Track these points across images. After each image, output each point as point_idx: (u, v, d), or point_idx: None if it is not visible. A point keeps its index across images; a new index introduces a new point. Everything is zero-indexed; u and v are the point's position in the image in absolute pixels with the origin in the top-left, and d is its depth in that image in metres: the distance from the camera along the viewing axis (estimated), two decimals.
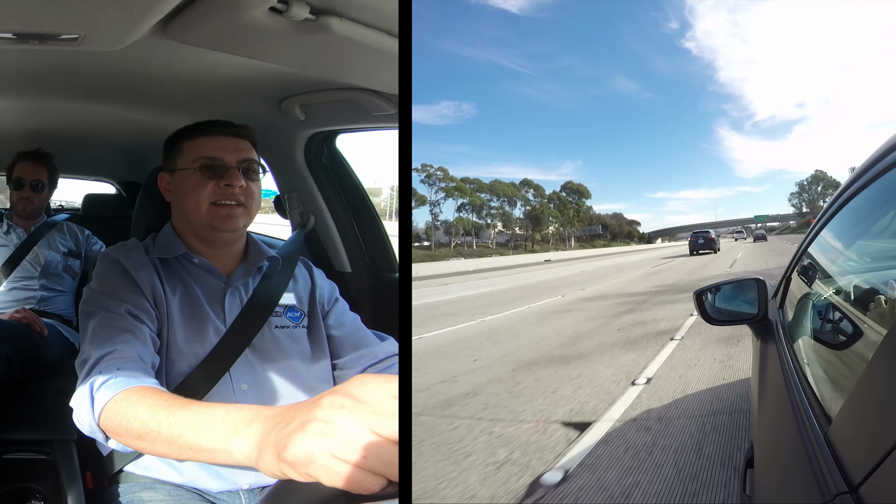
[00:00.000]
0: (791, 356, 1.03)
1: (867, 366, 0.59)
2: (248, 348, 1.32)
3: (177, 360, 1.27)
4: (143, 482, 1.30)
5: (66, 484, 1.58)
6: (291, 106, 1.84)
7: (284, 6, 1.10)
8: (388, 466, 0.63)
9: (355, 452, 0.63)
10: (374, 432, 0.63)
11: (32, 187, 2.38)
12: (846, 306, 0.89)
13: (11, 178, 2.38)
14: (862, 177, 0.84)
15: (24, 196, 2.38)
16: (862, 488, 0.50)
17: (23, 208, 2.39)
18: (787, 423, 0.79)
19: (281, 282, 1.43)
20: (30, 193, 2.38)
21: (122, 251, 1.34)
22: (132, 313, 1.22)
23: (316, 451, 0.64)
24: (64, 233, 2.48)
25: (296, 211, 2.16)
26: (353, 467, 0.63)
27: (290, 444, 0.66)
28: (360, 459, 0.63)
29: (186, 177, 1.35)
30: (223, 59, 1.46)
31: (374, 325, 2.15)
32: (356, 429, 0.63)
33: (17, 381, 1.85)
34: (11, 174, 2.39)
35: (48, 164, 2.43)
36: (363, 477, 0.63)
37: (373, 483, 0.63)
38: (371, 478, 0.63)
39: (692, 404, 2.82)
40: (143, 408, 0.95)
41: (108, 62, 1.47)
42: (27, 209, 2.40)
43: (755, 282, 1.49)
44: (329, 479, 0.64)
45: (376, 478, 0.63)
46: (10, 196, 2.41)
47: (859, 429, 0.58)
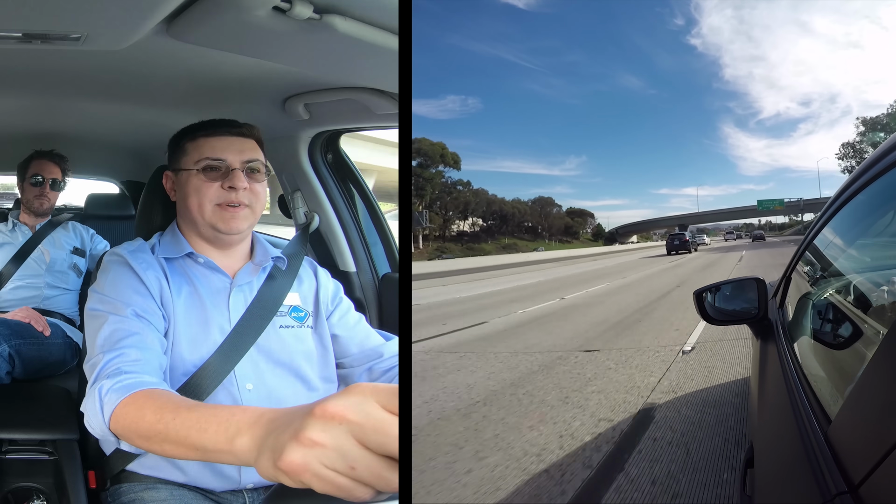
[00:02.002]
0: (791, 356, 1.02)
1: (867, 366, 0.59)
2: (252, 348, 1.32)
3: (182, 360, 1.28)
4: (146, 482, 1.31)
5: (69, 483, 1.58)
6: (295, 105, 1.85)
7: (288, 5, 1.10)
8: (376, 479, 0.65)
9: (345, 464, 0.65)
10: (363, 445, 0.65)
11: (52, 185, 2.44)
12: (846, 306, 0.89)
13: (28, 176, 2.42)
14: (862, 177, 0.84)
15: (42, 193, 2.43)
16: (862, 488, 0.50)
17: (39, 205, 2.44)
18: (787, 423, 0.79)
19: (286, 282, 1.44)
20: (48, 191, 2.44)
21: (129, 251, 1.34)
22: (139, 315, 1.23)
23: (308, 462, 0.67)
24: (69, 231, 2.49)
25: (300, 210, 2.17)
26: (343, 477, 0.66)
27: (284, 452, 0.68)
28: (350, 471, 0.65)
29: (190, 177, 1.35)
30: (226, 59, 1.46)
31: (380, 324, 2.15)
32: (345, 441, 0.66)
33: (18, 380, 1.86)
34: (27, 171, 2.43)
35: (63, 164, 2.49)
36: (353, 487, 0.66)
37: (363, 493, 0.66)
38: (360, 488, 0.66)
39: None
40: (151, 410, 0.97)
41: (112, 61, 1.47)
42: (43, 206, 2.45)
43: (755, 282, 1.49)
44: (320, 487, 0.67)
45: (365, 488, 0.66)
46: (25, 192, 2.45)
47: (859, 429, 0.58)
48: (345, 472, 0.66)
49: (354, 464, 0.65)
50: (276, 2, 1.09)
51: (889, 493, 0.46)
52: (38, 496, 1.62)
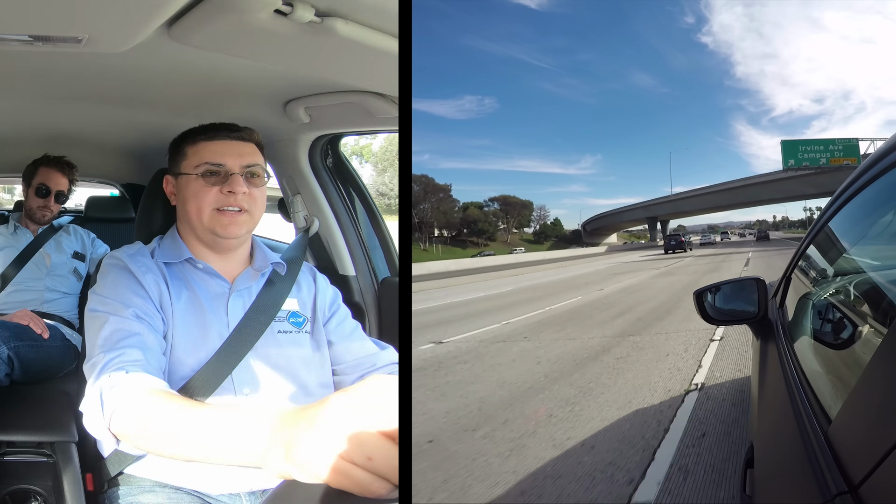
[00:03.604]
0: (791, 356, 1.02)
1: (867, 366, 0.59)
2: (250, 353, 1.32)
3: (180, 364, 1.27)
4: (144, 485, 1.30)
5: (67, 486, 1.58)
6: (296, 108, 1.85)
7: (289, 8, 1.10)
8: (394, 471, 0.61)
9: (364, 455, 0.61)
10: (383, 435, 0.62)
11: (57, 197, 2.40)
12: (846, 306, 0.89)
13: (33, 183, 2.38)
14: (862, 177, 0.85)
15: (46, 205, 2.39)
16: (862, 488, 0.49)
17: (42, 216, 2.41)
18: (787, 423, 0.79)
19: (284, 287, 1.44)
20: (52, 203, 2.40)
21: (128, 254, 1.34)
22: (139, 316, 1.23)
23: (323, 453, 0.63)
24: (70, 235, 2.49)
25: (300, 214, 2.17)
26: (361, 470, 0.62)
27: (298, 444, 0.66)
28: (369, 462, 0.61)
29: (190, 182, 1.35)
30: (227, 62, 1.46)
31: (379, 328, 2.15)
32: (365, 432, 0.62)
33: (17, 383, 1.85)
34: (33, 178, 2.38)
35: (71, 174, 2.44)
36: (371, 480, 0.61)
37: (380, 487, 0.62)
38: (379, 482, 0.61)
39: None
40: (153, 411, 0.96)
41: (113, 64, 1.47)
42: (45, 217, 2.42)
43: (755, 281, 1.49)
44: (336, 481, 0.62)
45: (384, 482, 0.62)
46: (28, 200, 2.41)
47: (859, 429, 0.57)
48: (362, 463, 0.61)
49: (372, 453, 0.61)
50: (277, 5, 1.09)
51: (889, 493, 0.46)
52: (36, 498, 1.62)
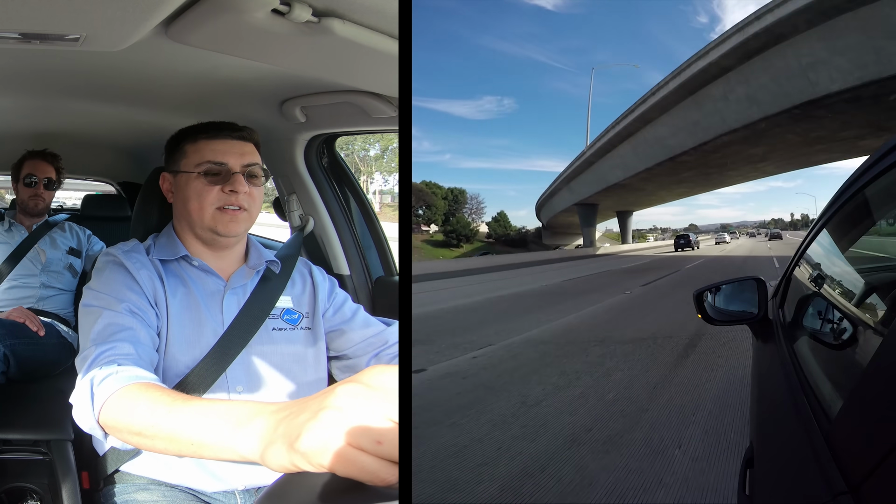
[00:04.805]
0: (791, 356, 1.02)
1: (867, 366, 0.60)
2: (244, 350, 1.32)
3: (174, 362, 1.27)
4: (139, 482, 1.30)
5: (63, 484, 1.57)
6: (292, 108, 1.84)
7: (287, 8, 1.10)
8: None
9: (372, 440, 0.61)
10: (390, 420, 0.61)
11: (46, 184, 2.44)
12: (846, 306, 0.89)
13: (21, 176, 2.42)
14: (862, 177, 0.85)
15: (36, 193, 2.42)
16: (862, 488, 0.50)
17: (34, 205, 2.43)
18: (787, 423, 0.79)
19: (279, 284, 1.43)
20: (42, 191, 2.43)
21: (123, 251, 1.34)
22: (132, 311, 1.22)
23: (330, 440, 0.62)
24: (66, 232, 2.49)
25: (295, 213, 2.17)
26: (369, 456, 0.61)
27: (303, 433, 0.65)
28: (378, 447, 0.61)
29: (190, 180, 1.35)
30: (224, 61, 1.46)
31: None
32: (372, 416, 0.61)
33: (13, 381, 1.85)
34: (20, 172, 2.43)
35: (56, 163, 2.48)
36: (379, 466, 0.61)
37: (389, 472, 0.61)
38: (387, 467, 0.61)
39: None
40: (144, 403, 0.95)
41: (110, 63, 1.47)
42: (38, 206, 2.44)
43: (755, 281, 1.48)
44: (344, 468, 0.62)
45: (392, 467, 0.61)
46: (19, 193, 2.45)
47: (859, 429, 0.58)
48: (371, 448, 0.61)
49: (381, 437, 0.60)
50: (275, 4, 1.09)
51: (889, 493, 0.46)
52: (32, 496, 1.61)
